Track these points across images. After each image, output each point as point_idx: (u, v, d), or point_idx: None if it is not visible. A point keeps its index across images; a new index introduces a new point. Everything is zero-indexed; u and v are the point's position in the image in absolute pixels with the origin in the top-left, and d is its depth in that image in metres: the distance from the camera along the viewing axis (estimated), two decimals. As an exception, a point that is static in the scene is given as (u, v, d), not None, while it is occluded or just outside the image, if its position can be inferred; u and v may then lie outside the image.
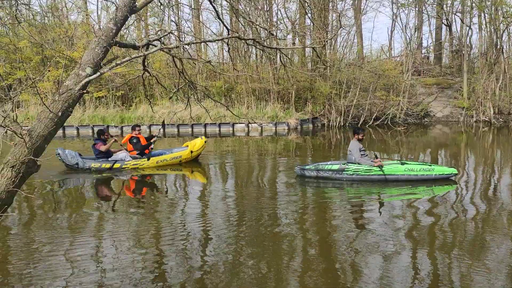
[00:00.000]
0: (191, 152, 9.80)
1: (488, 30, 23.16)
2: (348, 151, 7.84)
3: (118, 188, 8.08)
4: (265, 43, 4.61)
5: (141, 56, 3.38)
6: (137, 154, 9.37)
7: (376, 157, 7.73)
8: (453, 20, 25.83)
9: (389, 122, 20.35)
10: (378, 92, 20.82)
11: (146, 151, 9.42)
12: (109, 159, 9.15)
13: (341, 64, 21.44)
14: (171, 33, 4.30)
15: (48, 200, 6.86)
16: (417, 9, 25.63)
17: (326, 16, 21.70)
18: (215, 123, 18.17)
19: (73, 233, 5.17)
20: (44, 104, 2.89)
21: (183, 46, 5.01)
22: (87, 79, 3.02)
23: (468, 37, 24.13)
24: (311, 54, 21.05)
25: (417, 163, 8.00)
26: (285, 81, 20.16)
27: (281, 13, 27.79)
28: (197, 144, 9.96)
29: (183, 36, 20.66)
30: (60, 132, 16.91)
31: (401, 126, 19.29)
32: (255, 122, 17.69)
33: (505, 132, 17.46)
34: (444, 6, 24.85)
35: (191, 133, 17.26)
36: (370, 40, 53.72)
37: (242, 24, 19.19)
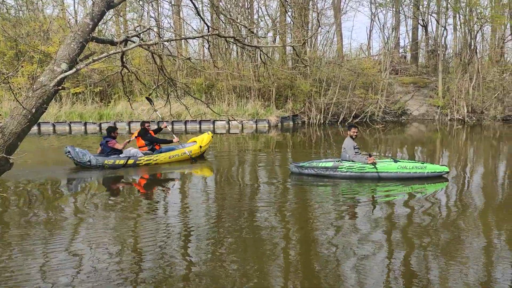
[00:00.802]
0: (200, 147, 10.08)
1: (463, 31, 23.85)
2: (342, 149, 7.92)
3: (107, 188, 7.93)
4: (245, 41, 4.61)
5: (119, 52, 3.34)
6: (148, 150, 9.52)
7: (370, 155, 7.80)
8: (429, 20, 26.51)
9: (367, 120, 20.70)
10: (357, 90, 21.15)
11: (157, 146, 9.67)
12: (121, 155, 9.11)
13: (321, 62, 21.66)
14: (151, 29, 4.25)
15: (47, 198, 6.69)
16: (394, 9, 26.14)
17: (307, 14, 21.87)
18: (195, 120, 18.08)
19: (51, 234, 5.06)
20: (17, 100, 2.82)
21: (162, 43, 4.97)
22: (62, 75, 2.96)
23: (443, 38, 24.81)
24: (291, 52, 21.17)
25: (410, 161, 8.10)
26: (266, 78, 20.22)
27: (261, 10, 27.82)
28: (204, 139, 10.25)
29: (162, 32, 20.39)
30: (35, 128, 16.45)
31: (379, 124, 19.65)
32: (235, 120, 17.69)
33: (478, 130, 18.02)
34: (420, 7, 25.44)
35: (172, 130, 17.09)
36: (349, 39, 54.31)
37: (222, 21, 19.11)
